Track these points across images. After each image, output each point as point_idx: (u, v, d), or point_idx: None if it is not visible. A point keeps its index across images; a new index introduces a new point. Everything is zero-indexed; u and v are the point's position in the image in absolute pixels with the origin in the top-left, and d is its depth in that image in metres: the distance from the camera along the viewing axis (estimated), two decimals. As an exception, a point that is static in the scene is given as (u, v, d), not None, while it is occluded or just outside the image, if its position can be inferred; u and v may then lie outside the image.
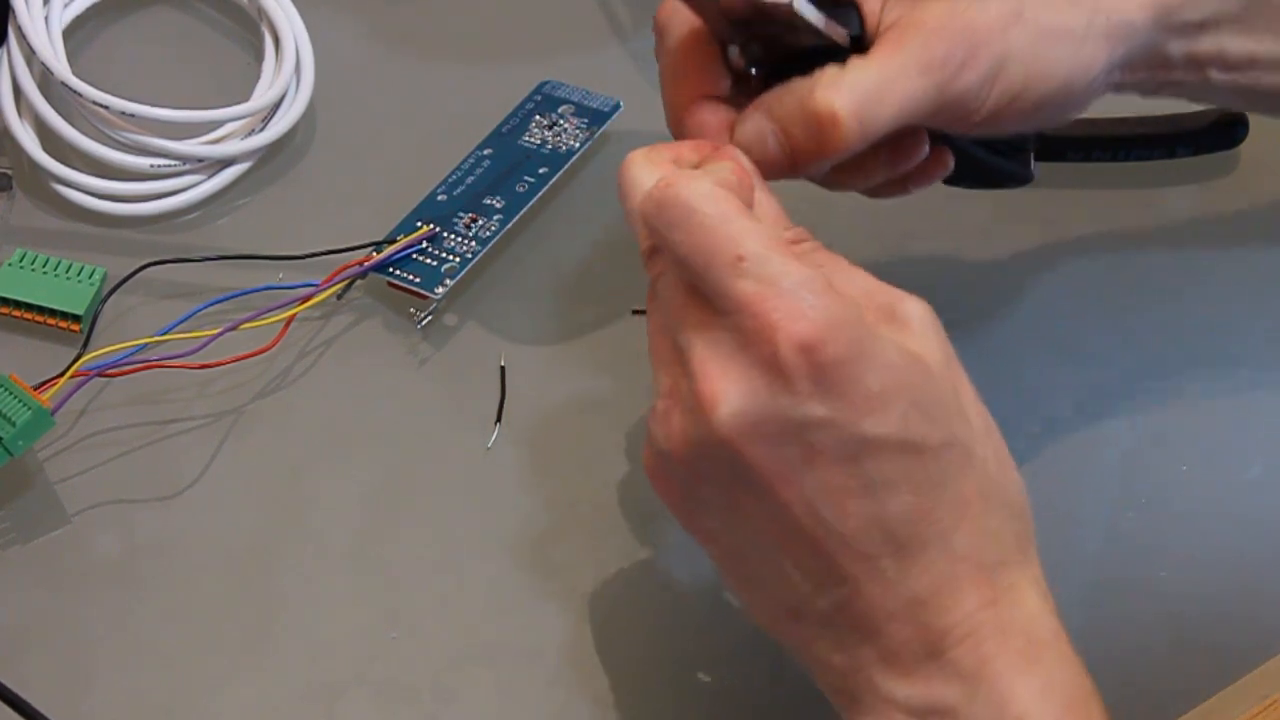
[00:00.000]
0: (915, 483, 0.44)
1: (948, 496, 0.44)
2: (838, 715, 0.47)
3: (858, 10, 0.50)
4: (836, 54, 0.50)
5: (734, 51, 0.51)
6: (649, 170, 0.48)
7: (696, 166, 0.49)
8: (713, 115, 0.51)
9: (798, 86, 0.49)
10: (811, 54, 0.50)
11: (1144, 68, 0.54)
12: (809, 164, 0.50)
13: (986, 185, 0.61)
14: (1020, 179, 0.60)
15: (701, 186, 0.45)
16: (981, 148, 0.58)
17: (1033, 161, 0.60)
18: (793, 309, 0.43)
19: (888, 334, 0.45)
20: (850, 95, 0.48)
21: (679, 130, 0.52)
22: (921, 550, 0.44)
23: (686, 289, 0.45)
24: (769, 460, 0.44)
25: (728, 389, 0.44)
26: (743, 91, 0.51)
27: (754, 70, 0.51)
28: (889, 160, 0.54)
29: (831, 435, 0.43)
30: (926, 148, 0.54)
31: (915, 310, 0.46)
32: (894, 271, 0.64)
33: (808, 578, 0.45)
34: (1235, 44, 0.55)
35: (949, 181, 0.58)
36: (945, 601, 0.44)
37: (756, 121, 0.50)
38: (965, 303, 0.64)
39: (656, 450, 0.47)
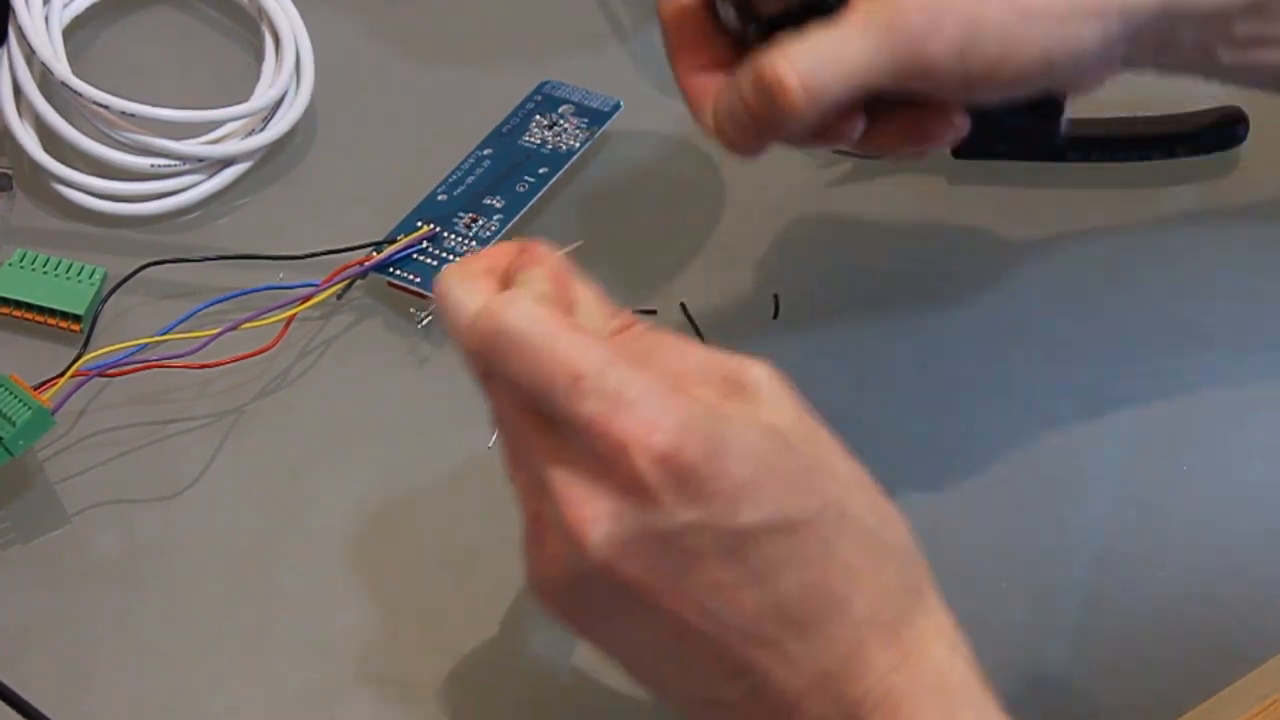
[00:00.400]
0: (800, 559, 0.43)
1: (835, 564, 0.43)
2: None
3: None
4: (825, 10, 0.50)
5: (727, 12, 0.51)
6: (466, 290, 0.46)
7: (508, 272, 0.47)
8: (705, 83, 0.52)
9: (759, 55, 0.50)
10: (802, 11, 0.50)
11: (1151, 44, 0.54)
12: (770, 131, 0.50)
13: (1015, 150, 0.60)
14: (1051, 136, 0.58)
15: (523, 309, 0.44)
16: (1005, 108, 0.57)
17: (1065, 123, 0.58)
18: (641, 422, 0.42)
19: (738, 413, 0.44)
20: (797, 62, 0.49)
21: (689, 102, 0.53)
22: (822, 625, 0.43)
23: (531, 416, 0.44)
24: (651, 576, 0.43)
25: (595, 516, 0.43)
26: (742, 50, 0.52)
27: (751, 28, 0.51)
28: (910, 134, 0.54)
29: (709, 535, 0.42)
30: (956, 126, 0.54)
31: (760, 375, 0.45)
32: (894, 271, 0.64)
33: (713, 674, 0.44)
34: (1244, 26, 0.54)
35: (978, 152, 0.57)
36: (854, 669, 0.43)
37: (727, 95, 0.50)
38: (964, 302, 0.63)
39: (536, 578, 0.46)
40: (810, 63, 0.49)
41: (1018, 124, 0.58)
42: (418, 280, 0.63)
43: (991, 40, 0.50)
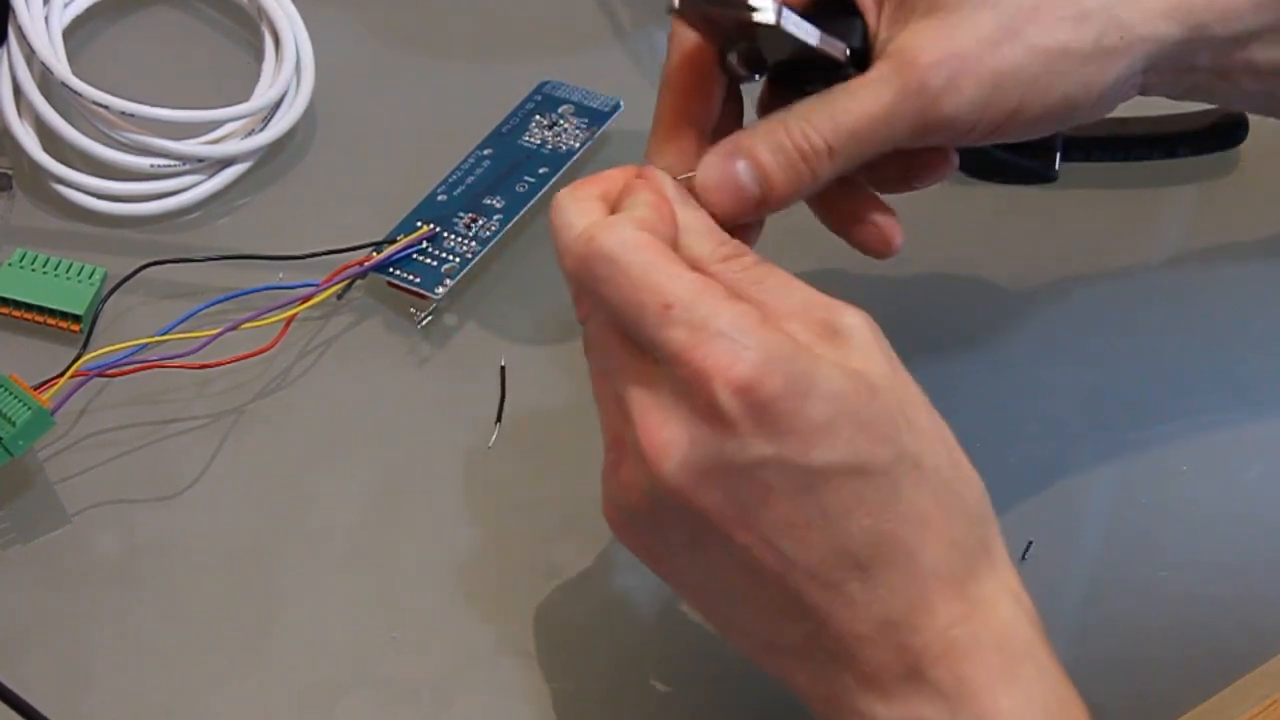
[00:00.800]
0: (871, 504, 0.44)
1: (906, 513, 0.44)
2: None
3: (862, 20, 0.50)
4: (836, 67, 0.49)
5: (734, 59, 0.51)
6: (575, 211, 0.47)
7: (619, 196, 0.48)
8: (687, 144, 0.50)
9: (770, 122, 0.49)
10: (811, 64, 0.49)
11: (1170, 72, 0.53)
12: (785, 197, 0.49)
13: (1007, 181, 0.60)
14: (1043, 177, 0.59)
15: (622, 236, 0.45)
16: (1000, 148, 0.57)
17: (1058, 161, 0.59)
18: (725, 352, 0.43)
19: (827, 355, 0.44)
20: (822, 122, 0.48)
21: (652, 145, 0.51)
22: (887, 571, 0.44)
23: (621, 340, 0.45)
24: (723, 506, 0.44)
25: (671, 441, 0.44)
26: (732, 111, 0.51)
27: (756, 76, 0.51)
28: (910, 175, 0.53)
29: (782, 472, 0.43)
30: (952, 164, 0.53)
31: (855, 323, 0.45)
32: (894, 271, 0.64)
33: (778, 613, 0.45)
34: (1265, 54, 0.53)
35: (970, 172, 0.57)
36: (917, 621, 0.44)
37: (723, 159, 0.49)
38: (965, 302, 0.64)
39: (612, 503, 0.47)
40: (832, 127, 0.48)
41: (1010, 161, 0.58)
42: (418, 280, 0.63)
43: (1011, 90, 0.49)
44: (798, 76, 0.50)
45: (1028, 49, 0.49)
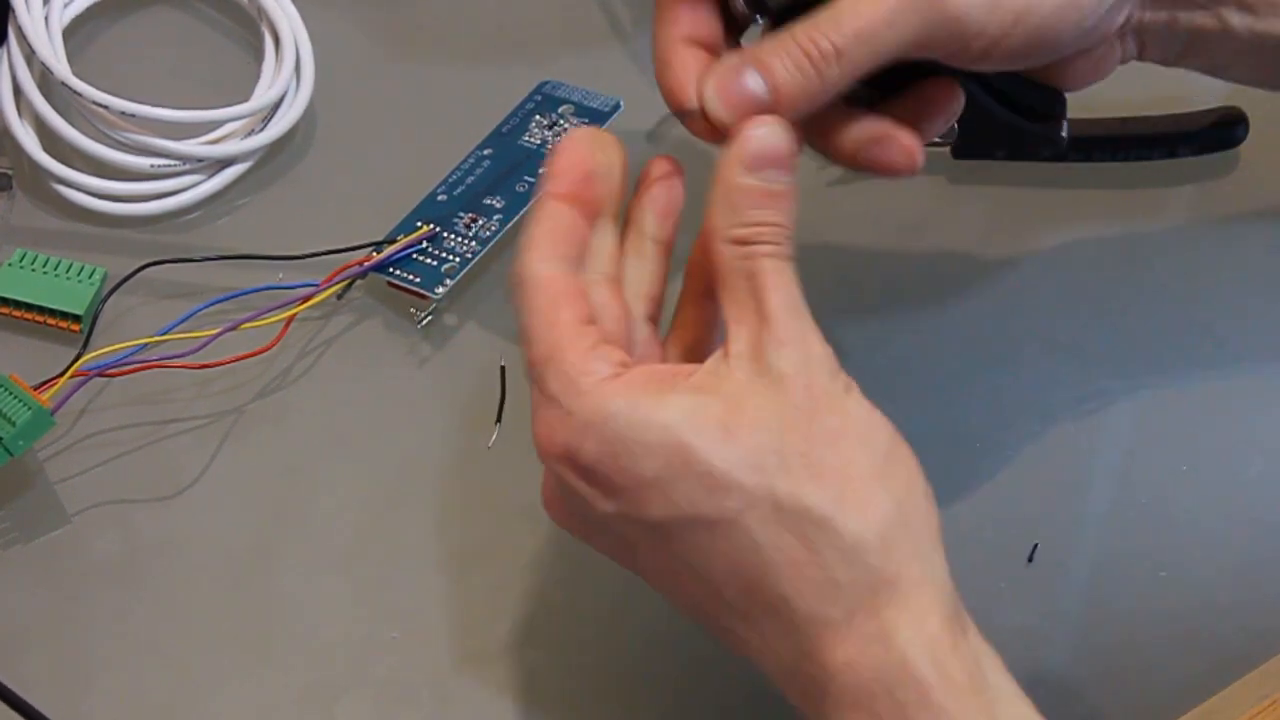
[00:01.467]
0: (725, 553, 0.43)
1: (769, 560, 0.43)
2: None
3: None
4: None
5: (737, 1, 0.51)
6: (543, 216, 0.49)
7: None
8: (691, 57, 0.50)
9: (776, 34, 0.49)
10: (811, 4, 0.49)
11: (1166, 5, 0.54)
12: (796, 104, 0.48)
13: (1015, 153, 0.59)
14: (1052, 143, 0.57)
15: (540, 271, 0.47)
16: (1009, 110, 0.57)
17: (1065, 128, 0.58)
18: (548, 419, 0.45)
19: (740, 372, 0.44)
20: (833, 27, 0.48)
21: (661, 73, 0.51)
22: (766, 619, 0.43)
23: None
24: (604, 545, 0.47)
25: (549, 491, 0.48)
26: (734, 42, 0.51)
27: (758, 18, 0.51)
28: (919, 113, 0.53)
29: (630, 525, 0.44)
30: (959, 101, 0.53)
31: (786, 351, 0.45)
32: (893, 270, 0.64)
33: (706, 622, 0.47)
34: None
35: (977, 153, 0.57)
36: (810, 669, 0.43)
37: (733, 68, 0.49)
38: (965, 302, 0.64)
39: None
40: (842, 30, 0.48)
41: (1018, 129, 0.57)
42: (418, 280, 0.63)
43: None
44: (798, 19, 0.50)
45: None
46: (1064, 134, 0.57)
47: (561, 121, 0.68)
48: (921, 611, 0.43)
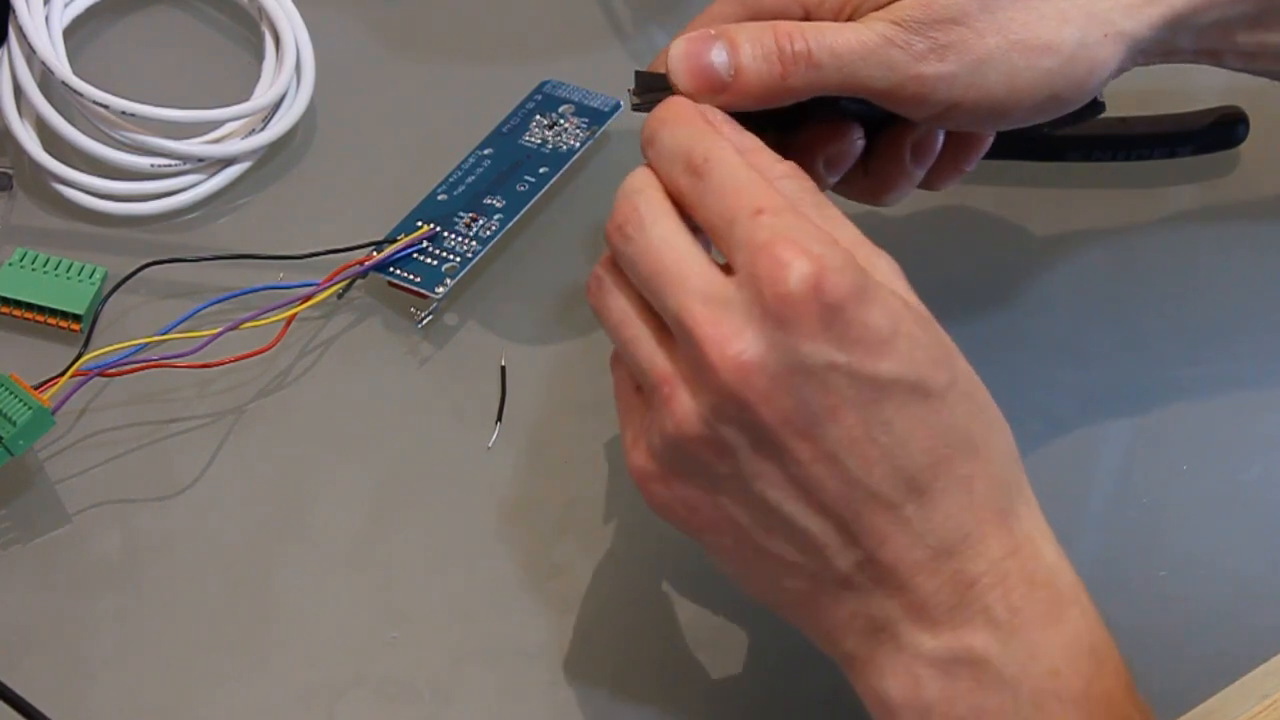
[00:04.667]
0: (930, 426, 0.44)
1: (961, 440, 0.45)
2: (840, 714, 0.47)
3: None
4: None
5: None
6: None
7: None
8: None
9: (761, 23, 0.51)
10: None
11: (1157, 56, 0.55)
12: (747, 92, 0.50)
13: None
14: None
15: (724, 147, 0.47)
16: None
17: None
18: (803, 252, 0.44)
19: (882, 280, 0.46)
20: (809, 33, 0.50)
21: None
22: (944, 497, 0.44)
23: (683, 255, 0.46)
24: (793, 416, 0.44)
25: (747, 349, 0.44)
26: None
27: None
28: (915, 159, 0.55)
29: (851, 381, 0.44)
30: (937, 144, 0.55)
31: (890, 268, 0.47)
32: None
33: (829, 539, 0.45)
34: (1247, 37, 0.55)
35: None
36: (971, 549, 0.44)
37: (702, 36, 0.50)
38: (965, 301, 0.63)
39: (660, 443, 0.46)
40: (816, 40, 0.50)
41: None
42: (418, 280, 0.63)
43: (997, 77, 0.51)
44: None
45: (1009, 41, 0.51)
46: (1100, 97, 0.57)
47: (561, 121, 0.68)
48: (1050, 532, 0.46)
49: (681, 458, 0.46)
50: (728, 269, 0.46)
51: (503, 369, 0.62)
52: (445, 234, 0.64)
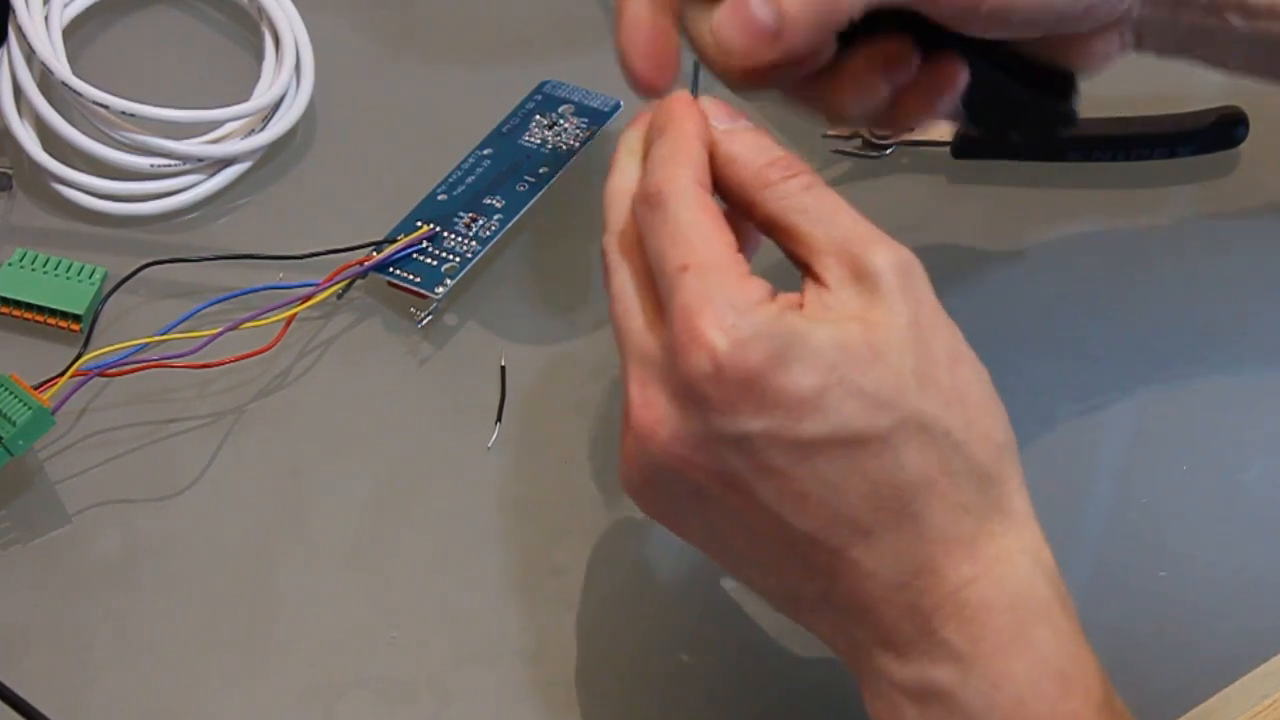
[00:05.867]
0: (869, 471, 0.43)
1: (909, 479, 0.43)
2: (836, 712, 0.47)
3: None
4: None
5: None
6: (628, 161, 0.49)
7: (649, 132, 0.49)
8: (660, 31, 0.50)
9: None
10: None
11: (1169, 2, 0.54)
12: (803, 30, 0.48)
13: (1028, 137, 0.58)
14: (1065, 118, 0.57)
15: (685, 188, 0.46)
16: (1016, 83, 0.56)
17: (1077, 101, 0.57)
18: (713, 324, 0.43)
19: (850, 306, 0.44)
20: None
21: (622, 39, 0.51)
22: (891, 535, 0.44)
23: (627, 309, 0.46)
24: (718, 476, 0.44)
25: (662, 415, 0.44)
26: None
27: None
28: (884, 72, 0.52)
29: (772, 444, 0.43)
30: (916, 55, 0.52)
31: (884, 265, 0.45)
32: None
33: (790, 572, 0.45)
34: None
35: (990, 146, 0.56)
36: (926, 583, 0.44)
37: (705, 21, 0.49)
38: (965, 301, 0.63)
39: (621, 471, 0.47)
40: None
41: (1031, 104, 0.57)
42: (418, 280, 0.63)
43: None
44: None
45: None
46: (1076, 109, 0.57)
47: (561, 121, 0.68)
48: (1035, 541, 0.45)
49: (637, 487, 0.47)
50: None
51: (503, 369, 0.62)
52: (445, 234, 0.64)
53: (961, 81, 0.53)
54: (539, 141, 0.67)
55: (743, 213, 0.48)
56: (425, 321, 0.63)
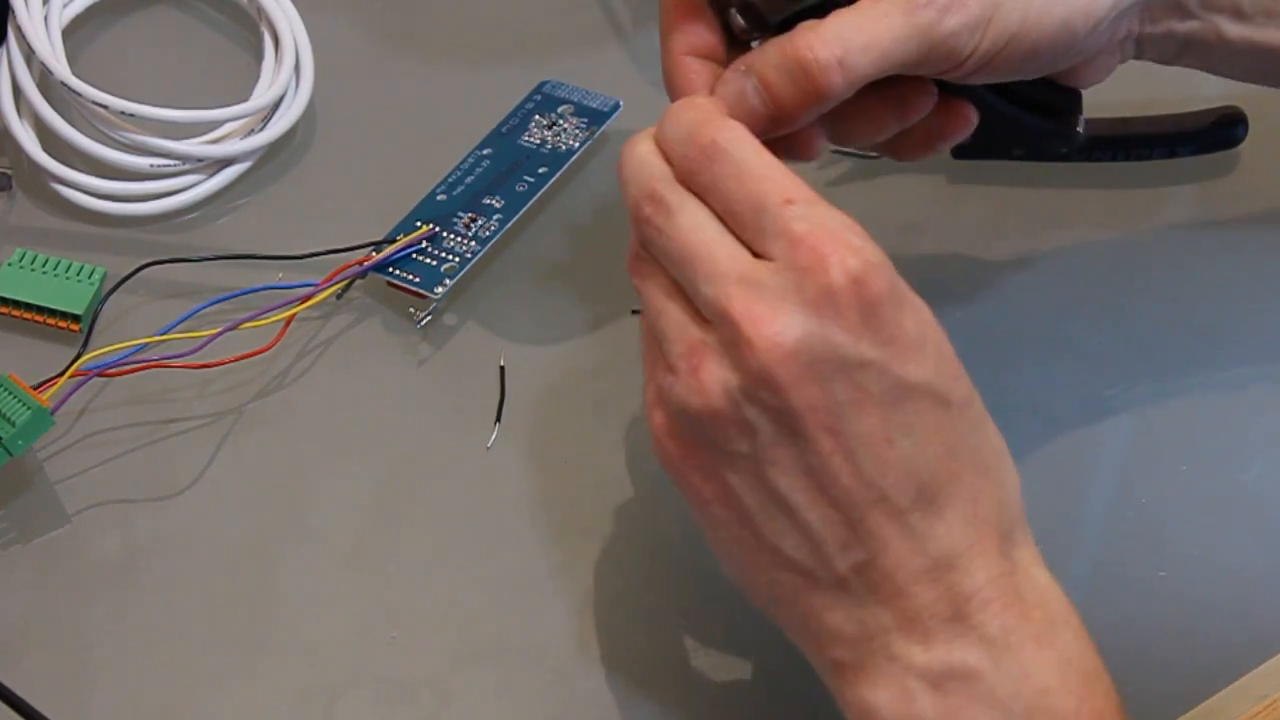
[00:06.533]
0: (946, 437, 0.45)
1: (973, 456, 0.45)
2: (836, 713, 0.47)
3: None
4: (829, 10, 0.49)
5: (733, 16, 0.51)
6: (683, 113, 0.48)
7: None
8: (698, 72, 0.51)
9: (778, 38, 0.49)
10: (809, 13, 0.49)
11: (1161, 16, 0.55)
12: (793, 115, 0.49)
13: (1030, 153, 0.59)
14: (1067, 140, 0.57)
15: (742, 134, 0.46)
16: (1022, 109, 0.57)
17: (1082, 124, 0.58)
18: (843, 244, 0.44)
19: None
20: (829, 37, 0.48)
21: (669, 85, 0.52)
22: (949, 509, 0.45)
23: (717, 240, 0.46)
24: (820, 404, 0.44)
25: (785, 328, 0.44)
26: (739, 51, 0.51)
27: (755, 39, 0.51)
28: (896, 113, 0.53)
29: (880, 378, 0.44)
30: (933, 98, 0.53)
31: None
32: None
33: (831, 536, 0.45)
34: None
35: (990, 153, 0.57)
36: (970, 564, 0.44)
37: (737, 77, 0.49)
38: (965, 301, 0.63)
39: (680, 411, 0.46)
40: (841, 42, 0.48)
41: (1034, 127, 0.57)
42: (417, 280, 0.63)
43: (1011, 10, 0.50)
44: None
45: None
46: (1080, 130, 0.57)
47: (561, 121, 0.68)
48: (1040, 560, 0.47)
49: (700, 428, 0.46)
50: (755, 254, 0.45)
51: (502, 369, 0.62)
52: (444, 234, 0.64)
53: (972, 123, 0.55)
54: (539, 141, 0.67)
55: None
56: (425, 321, 0.63)
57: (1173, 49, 0.57)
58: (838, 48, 0.48)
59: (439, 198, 0.66)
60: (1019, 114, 0.56)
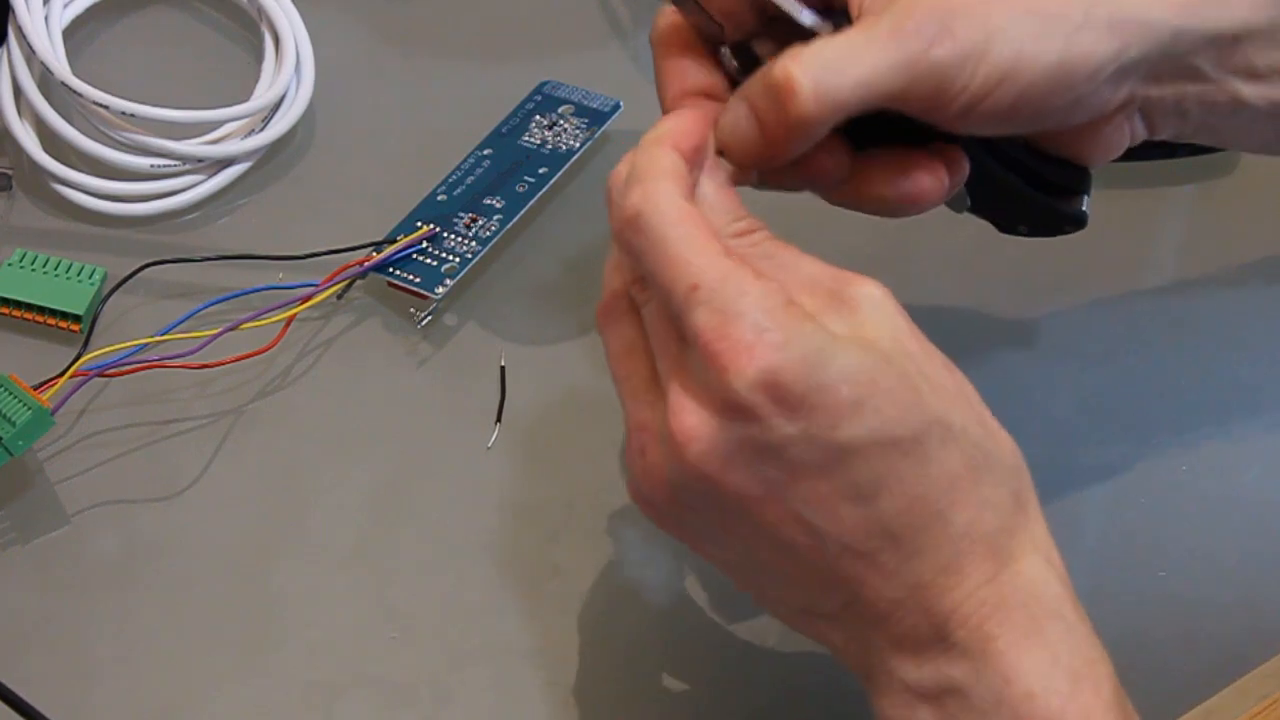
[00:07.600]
0: (900, 474, 0.44)
1: (936, 477, 0.44)
2: (838, 713, 0.47)
3: (847, 14, 0.50)
4: None
5: (726, 54, 0.51)
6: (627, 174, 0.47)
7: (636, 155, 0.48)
8: (697, 108, 0.50)
9: (764, 67, 0.48)
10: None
11: (1169, 77, 0.52)
12: (779, 141, 0.48)
13: (1034, 230, 0.58)
14: (1072, 220, 0.56)
15: (664, 207, 0.45)
16: (1025, 182, 0.55)
17: (1087, 202, 0.56)
18: (745, 338, 0.43)
19: (841, 329, 0.44)
20: (809, 63, 0.47)
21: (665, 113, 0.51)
22: (919, 536, 0.44)
23: (667, 319, 0.45)
24: (750, 486, 0.44)
25: (697, 425, 0.44)
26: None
27: (745, 76, 0.51)
28: (898, 181, 0.52)
29: (809, 448, 0.43)
30: (945, 183, 0.52)
31: (864, 292, 0.45)
32: (891, 271, 0.64)
33: (811, 586, 0.45)
34: (1262, 57, 0.52)
35: (993, 223, 0.56)
36: (947, 582, 0.44)
37: (735, 104, 0.49)
38: (964, 302, 0.63)
39: (637, 487, 0.47)
40: (820, 66, 0.47)
41: (1033, 202, 0.56)
42: (418, 280, 0.63)
43: (1005, 45, 0.48)
44: None
45: (1021, 7, 0.48)
46: (1085, 209, 0.55)
47: (561, 121, 0.68)
48: (1045, 541, 0.46)
49: (657, 503, 0.46)
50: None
51: (502, 369, 0.62)
52: (445, 234, 0.64)
53: (965, 168, 0.53)
54: (539, 142, 0.67)
55: None
56: (425, 322, 0.63)
57: (1188, 122, 0.54)
58: (815, 70, 0.47)
59: (439, 198, 0.66)
60: (1024, 188, 0.55)
